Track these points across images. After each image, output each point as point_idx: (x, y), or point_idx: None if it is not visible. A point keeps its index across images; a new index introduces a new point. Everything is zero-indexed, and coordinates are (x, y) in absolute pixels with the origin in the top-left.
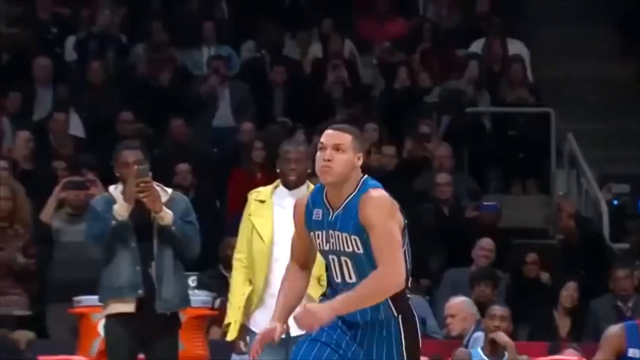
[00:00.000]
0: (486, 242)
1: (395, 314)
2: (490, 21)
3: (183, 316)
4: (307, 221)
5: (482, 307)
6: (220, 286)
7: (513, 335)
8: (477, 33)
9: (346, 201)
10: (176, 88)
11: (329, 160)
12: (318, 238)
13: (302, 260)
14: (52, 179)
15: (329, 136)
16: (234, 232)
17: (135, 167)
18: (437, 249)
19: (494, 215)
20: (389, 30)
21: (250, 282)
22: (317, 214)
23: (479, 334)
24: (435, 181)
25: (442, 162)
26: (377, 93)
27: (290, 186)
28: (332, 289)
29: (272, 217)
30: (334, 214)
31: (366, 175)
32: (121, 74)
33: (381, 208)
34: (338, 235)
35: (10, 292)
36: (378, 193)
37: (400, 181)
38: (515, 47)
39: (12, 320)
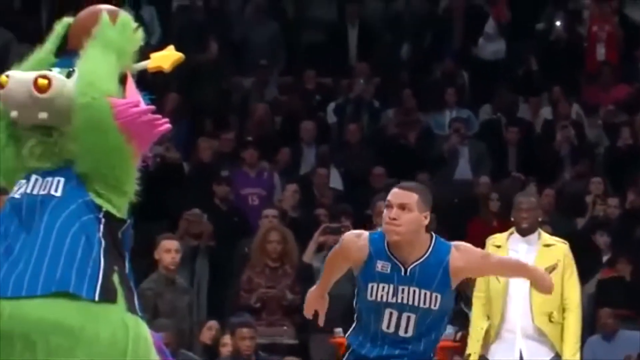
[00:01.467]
0: None
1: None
2: None
3: None
4: (367, 270)
5: None
6: (461, 321)
7: None
8: None
9: (423, 258)
10: (422, 146)
11: (394, 219)
12: (382, 290)
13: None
14: (315, 225)
15: (395, 195)
16: None
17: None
18: None
19: None
20: (613, 95)
21: (488, 317)
22: (384, 267)
23: None
24: None
25: None
26: (602, 150)
27: (523, 233)
28: (367, 333)
29: None
30: (409, 269)
31: (435, 235)
32: (374, 134)
33: (473, 252)
34: (414, 291)
35: (280, 324)
36: (463, 244)
37: (624, 229)
38: None
39: (282, 348)
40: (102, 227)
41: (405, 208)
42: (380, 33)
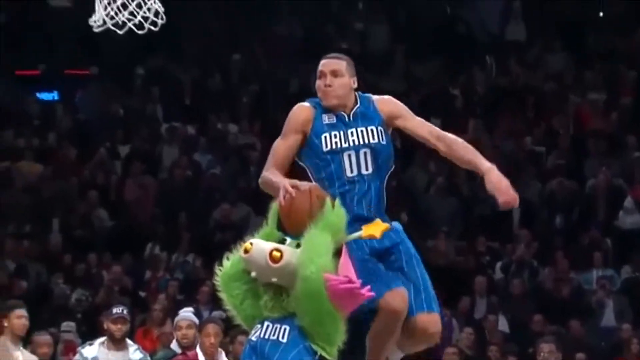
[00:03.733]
0: None
1: None
2: None
3: None
4: (317, 125)
5: None
6: None
7: None
8: None
9: (356, 106)
10: (573, 299)
11: (329, 86)
12: (335, 137)
13: (280, 168)
14: None
15: (326, 64)
16: None
17: (542, 354)
18: None
19: None
20: None
21: None
22: (330, 118)
23: None
24: None
25: None
26: None
27: None
28: (336, 184)
29: None
30: (351, 114)
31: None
32: (534, 288)
33: (397, 102)
34: (362, 131)
35: None
36: (388, 97)
37: None
38: None
39: None
40: None
41: (337, 74)
42: (538, 207)
